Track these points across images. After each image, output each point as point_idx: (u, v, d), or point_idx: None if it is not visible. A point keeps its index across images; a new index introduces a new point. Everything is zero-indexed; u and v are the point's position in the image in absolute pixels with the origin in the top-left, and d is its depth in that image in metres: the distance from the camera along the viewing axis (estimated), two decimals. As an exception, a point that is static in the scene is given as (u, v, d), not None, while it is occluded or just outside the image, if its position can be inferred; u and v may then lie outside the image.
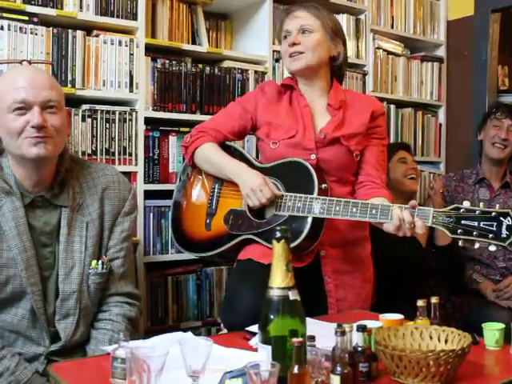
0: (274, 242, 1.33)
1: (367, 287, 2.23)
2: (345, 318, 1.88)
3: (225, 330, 2.24)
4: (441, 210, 1.83)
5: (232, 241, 2.15)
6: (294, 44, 2.12)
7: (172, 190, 2.35)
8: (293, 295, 1.32)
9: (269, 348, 1.29)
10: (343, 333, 1.28)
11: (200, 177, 2.27)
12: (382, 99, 3.39)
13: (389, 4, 3.50)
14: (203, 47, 2.84)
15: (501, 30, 3.57)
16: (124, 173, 2.25)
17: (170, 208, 2.33)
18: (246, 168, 2.10)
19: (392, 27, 3.52)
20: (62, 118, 1.75)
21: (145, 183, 2.62)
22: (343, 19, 3.26)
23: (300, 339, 1.23)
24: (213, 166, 2.16)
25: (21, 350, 1.73)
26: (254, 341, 1.65)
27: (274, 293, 1.32)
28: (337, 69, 2.25)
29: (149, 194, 2.63)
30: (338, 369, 1.25)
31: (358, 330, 1.42)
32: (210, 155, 2.16)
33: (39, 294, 1.73)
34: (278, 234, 1.32)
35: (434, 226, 1.83)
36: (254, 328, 1.73)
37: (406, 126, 3.57)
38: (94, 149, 2.49)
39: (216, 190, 2.21)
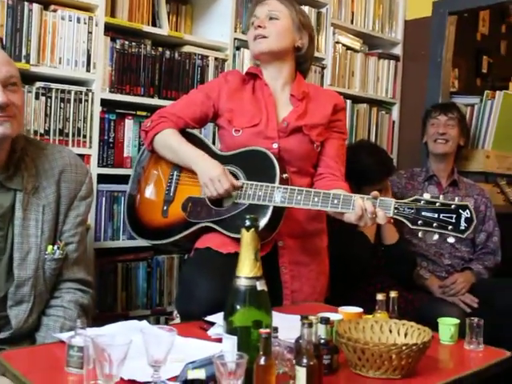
0: (243, 230, 1.30)
1: (322, 279, 2.24)
2: (301, 309, 1.88)
3: (177, 320, 2.21)
4: (402, 201, 1.85)
5: (190, 228, 2.11)
6: (260, 27, 2.14)
7: (127, 175, 2.29)
8: (260, 285, 1.30)
9: (234, 338, 1.26)
10: (310, 325, 1.27)
11: (158, 163, 2.22)
12: (339, 93, 3.39)
13: (349, 0, 3.51)
14: (164, 30, 2.77)
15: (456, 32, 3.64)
16: (77, 155, 2.17)
17: (123, 193, 2.28)
18: (205, 156, 2.07)
19: (352, 23, 3.53)
20: (22, 96, 1.67)
21: (98, 167, 2.54)
22: (305, 11, 3.24)
23: (267, 330, 1.21)
24: (172, 153, 2.13)
25: None
26: (213, 331, 1.62)
27: (242, 282, 1.29)
28: (302, 62, 2.26)
29: (102, 178, 2.55)
30: (304, 361, 1.24)
31: (321, 322, 1.41)
32: (170, 141, 2.12)
33: None
34: (248, 223, 1.30)
35: (395, 216, 1.84)
36: (212, 318, 1.71)
37: (361, 121, 3.60)
38: (46, 128, 2.40)
39: (174, 177, 2.17)
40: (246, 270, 1.29)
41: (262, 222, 1.97)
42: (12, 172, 1.70)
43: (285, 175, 2.03)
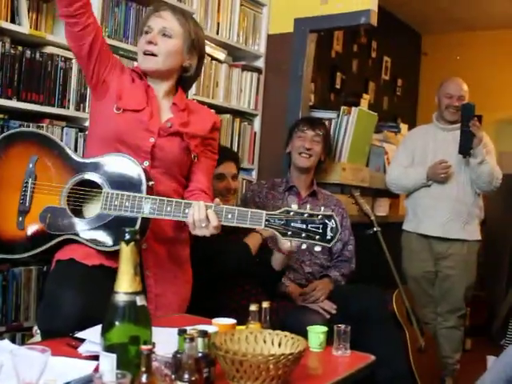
0: (123, 244, 1.26)
1: (187, 287, 2.24)
2: (170, 321, 1.86)
3: (38, 337, 2.09)
4: (272, 212, 1.89)
5: (51, 241, 2.00)
6: (151, 42, 2.10)
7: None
8: (140, 300, 1.27)
9: (113, 356, 1.22)
10: (192, 339, 1.26)
11: (7, 169, 2.07)
12: (203, 103, 3.40)
13: (216, 10, 3.54)
14: (24, 28, 2.61)
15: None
16: None
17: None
18: None
19: (217, 33, 3.56)
20: None
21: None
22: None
23: (149, 347, 1.18)
24: None
25: None
26: (84, 348, 1.55)
27: (120, 298, 1.25)
28: (186, 80, 2.27)
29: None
30: (186, 376, 1.23)
31: (199, 336, 1.40)
32: None
33: None
34: (128, 236, 1.26)
35: (266, 228, 1.89)
36: (82, 334, 1.63)
37: (224, 131, 3.63)
38: None
39: (29, 185, 2.03)
40: (126, 285, 1.26)
41: None
42: None
43: (150, 182, 2.00)
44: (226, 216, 1.91)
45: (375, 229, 3.40)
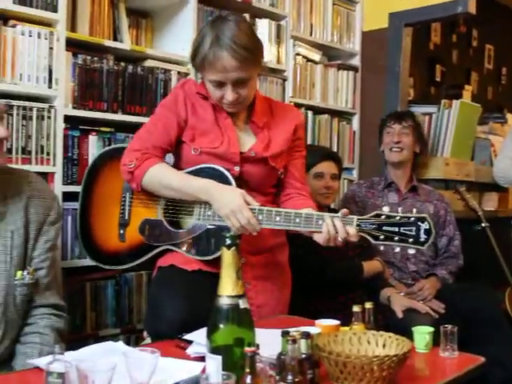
0: (224, 249, 1.30)
1: (286, 292, 2.24)
2: (274, 323, 1.88)
3: (148, 339, 2.18)
4: (363, 217, 1.87)
5: (150, 252, 2.09)
6: (232, 99, 1.98)
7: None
8: (243, 303, 1.30)
9: (219, 358, 1.25)
10: (294, 341, 1.27)
11: (106, 185, 2.17)
12: (300, 105, 3.44)
13: (308, 11, 3.55)
14: (126, 45, 2.75)
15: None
16: (41, 173, 2.15)
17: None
18: (218, 187, 1.96)
19: (311, 34, 3.57)
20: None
21: (63, 184, 2.49)
22: (265, 24, 3.28)
23: (253, 349, 1.21)
24: (172, 190, 2.01)
25: None
26: (192, 349, 1.61)
27: (224, 301, 1.29)
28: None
29: (67, 196, 2.50)
30: (290, 377, 1.24)
31: (302, 337, 1.41)
32: (164, 178, 2.00)
33: None
34: (229, 241, 1.30)
35: (358, 233, 1.87)
36: (190, 336, 1.69)
37: (323, 132, 3.63)
38: (9, 147, 2.34)
39: (127, 199, 2.13)
40: (229, 289, 1.29)
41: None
42: None
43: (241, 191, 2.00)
44: (317, 222, 1.90)
45: (483, 224, 3.29)
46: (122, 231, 2.12)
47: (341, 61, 3.79)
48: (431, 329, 1.75)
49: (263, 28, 3.28)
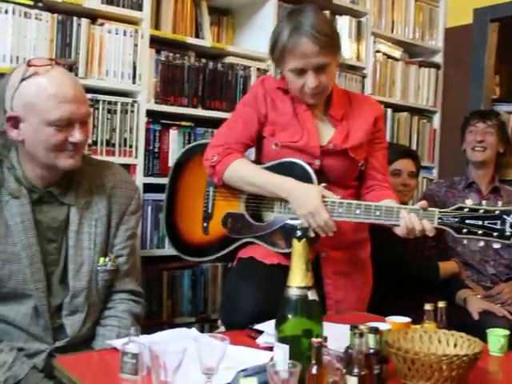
0: (295, 241, 1.32)
1: (366, 289, 2.23)
2: (346, 319, 1.88)
3: (222, 328, 2.23)
4: (445, 210, 1.83)
5: (232, 244, 2.13)
6: (314, 87, 1.99)
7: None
8: (311, 295, 1.32)
9: (286, 347, 1.28)
10: (361, 334, 1.28)
11: (191, 179, 2.24)
12: (379, 102, 3.39)
13: (390, 8, 3.52)
14: (207, 42, 2.82)
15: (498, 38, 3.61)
16: (124, 165, 2.23)
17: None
18: (298, 186, 1.96)
19: (392, 31, 3.54)
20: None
21: (144, 176, 2.59)
22: (345, 21, 3.28)
23: (319, 340, 1.22)
24: (253, 186, 2.04)
25: (23, 346, 1.69)
26: (262, 339, 1.64)
27: (293, 292, 1.31)
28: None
29: (147, 188, 2.60)
30: (356, 370, 1.25)
31: (371, 332, 1.42)
32: (245, 173, 2.04)
33: (43, 290, 1.70)
34: (299, 233, 1.32)
35: (439, 226, 1.84)
36: (261, 326, 1.72)
37: (402, 130, 3.59)
38: (94, 139, 2.46)
39: (211, 193, 2.18)
40: (298, 280, 1.31)
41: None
42: (66, 188, 1.76)
43: (323, 184, 2.00)
44: (398, 214, 1.87)
45: None
46: (205, 224, 2.18)
47: (423, 58, 3.73)
48: (507, 332, 1.70)
49: (343, 25, 3.27)
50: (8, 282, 1.67)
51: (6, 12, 2.27)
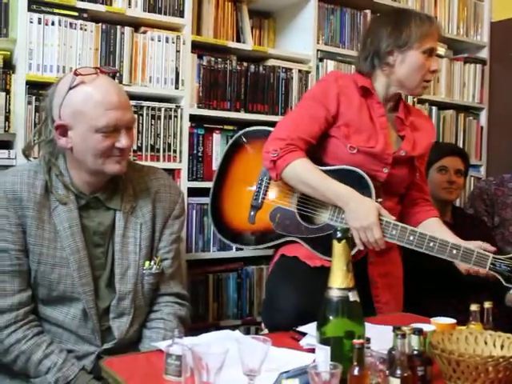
0: (335, 242, 1.32)
1: (402, 286, 2.23)
2: (390, 320, 1.86)
3: (266, 330, 2.24)
4: (500, 257, 1.84)
5: (276, 240, 2.10)
6: (434, 72, 2.07)
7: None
8: (353, 296, 1.31)
9: (327, 349, 1.28)
10: (404, 335, 1.27)
11: (245, 164, 2.20)
12: (424, 100, 3.37)
13: (432, 4, 3.47)
14: (248, 45, 2.84)
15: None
16: (168, 170, 2.26)
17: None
18: (355, 197, 1.94)
19: (436, 28, 3.48)
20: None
21: (188, 180, 2.63)
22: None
23: (361, 341, 1.22)
24: (309, 188, 1.99)
25: (73, 347, 1.74)
26: (305, 341, 1.64)
27: (334, 293, 1.31)
28: None
29: (192, 192, 2.64)
30: (398, 372, 1.24)
31: (414, 333, 1.40)
32: (305, 175, 1.98)
33: (91, 294, 1.74)
34: (339, 234, 1.31)
35: (490, 271, 1.87)
36: (304, 328, 1.72)
37: (448, 128, 3.53)
38: (139, 145, 2.51)
39: (264, 183, 2.14)
40: (338, 281, 1.31)
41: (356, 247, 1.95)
42: (112, 193, 1.80)
43: (379, 200, 1.98)
44: (451, 251, 1.89)
45: None
46: (252, 213, 2.14)
47: (467, 54, 3.66)
48: (557, 333, 1.66)
49: (388, 21, 3.23)
50: (57, 285, 1.72)
51: (53, 24, 2.34)
